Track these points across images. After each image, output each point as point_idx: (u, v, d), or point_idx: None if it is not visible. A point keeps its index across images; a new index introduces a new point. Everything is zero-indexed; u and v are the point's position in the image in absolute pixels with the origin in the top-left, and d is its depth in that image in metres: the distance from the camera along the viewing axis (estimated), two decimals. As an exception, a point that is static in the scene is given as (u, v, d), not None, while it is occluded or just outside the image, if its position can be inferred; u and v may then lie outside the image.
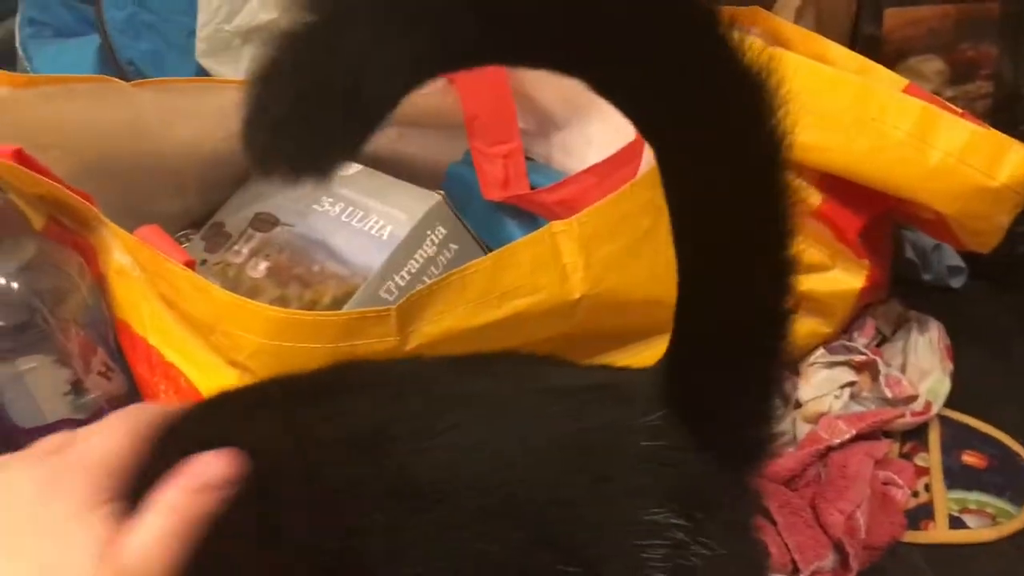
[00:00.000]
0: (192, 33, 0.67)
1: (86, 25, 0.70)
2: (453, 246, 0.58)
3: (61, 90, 0.62)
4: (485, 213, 0.66)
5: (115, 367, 0.56)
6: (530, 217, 0.65)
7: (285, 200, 0.65)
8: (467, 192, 0.66)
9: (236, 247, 0.65)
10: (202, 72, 0.67)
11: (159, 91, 0.63)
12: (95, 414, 0.55)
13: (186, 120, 0.65)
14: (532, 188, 0.64)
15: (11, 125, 0.62)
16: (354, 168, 0.64)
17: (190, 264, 0.50)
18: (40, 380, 0.52)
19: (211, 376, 0.49)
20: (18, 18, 0.73)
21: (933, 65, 0.69)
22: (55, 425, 0.53)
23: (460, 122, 0.66)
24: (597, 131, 0.64)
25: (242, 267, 0.63)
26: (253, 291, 0.61)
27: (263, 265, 0.62)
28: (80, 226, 0.56)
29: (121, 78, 0.66)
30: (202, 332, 0.50)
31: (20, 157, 0.53)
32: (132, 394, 0.57)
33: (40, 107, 0.62)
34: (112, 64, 0.68)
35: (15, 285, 0.51)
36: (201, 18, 0.65)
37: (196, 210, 0.73)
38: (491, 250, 0.62)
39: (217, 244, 0.66)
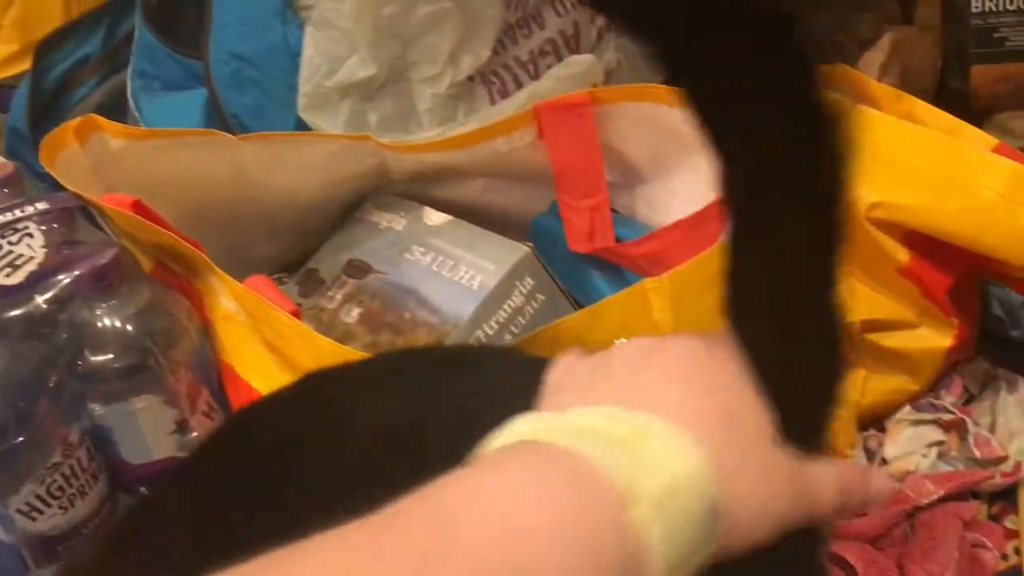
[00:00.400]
0: (294, 88, 0.70)
1: (193, 79, 0.74)
2: (540, 297, 0.60)
3: (174, 143, 0.66)
4: (570, 264, 0.67)
5: (217, 408, 0.58)
6: (615, 269, 0.66)
7: (378, 248, 0.68)
8: (552, 243, 0.68)
9: (330, 293, 0.68)
10: (302, 125, 0.71)
11: (262, 144, 0.67)
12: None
13: (286, 170, 0.68)
14: (618, 241, 0.66)
15: (122, 174, 0.66)
16: (444, 219, 0.66)
17: (295, 313, 0.52)
18: (149, 419, 0.55)
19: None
20: (130, 71, 0.78)
21: (1022, 122, 0.69)
22: (161, 462, 0.56)
23: (546, 174, 0.68)
24: (682, 185, 0.66)
25: (335, 312, 0.66)
26: (346, 336, 0.63)
27: (356, 311, 0.65)
28: (188, 272, 0.59)
29: (226, 130, 0.70)
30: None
31: (139, 208, 0.57)
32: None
33: (153, 158, 0.66)
34: (217, 117, 0.72)
35: (130, 328, 0.54)
36: (303, 74, 0.69)
37: (288, 255, 0.76)
38: (577, 301, 0.64)
39: (311, 289, 0.69)
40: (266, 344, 0.54)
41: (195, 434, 0.57)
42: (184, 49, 0.74)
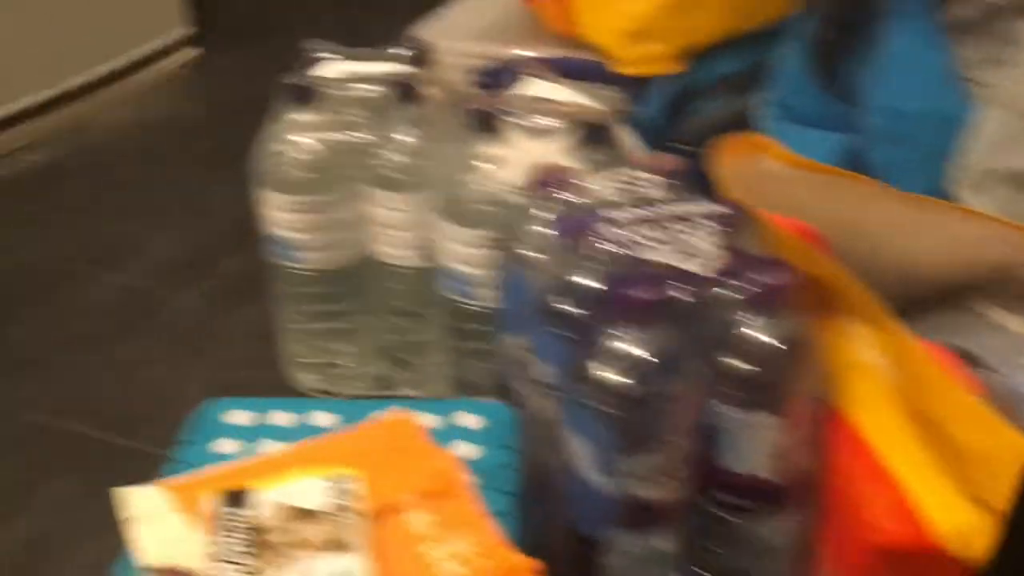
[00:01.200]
0: (940, 154, 0.69)
1: (834, 121, 0.75)
2: None
3: (823, 179, 0.67)
4: None
5: (815, 447, 0.58)
6: None
7: (991, 345, 0.64)
8: None
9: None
10: (934, 191, 0.69)
11: (910, 203, 0.66)
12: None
13: (918, 234, 0.67)
14: None
15: (769, 196, 0.69)
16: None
17: (977, 391, 0.50)
18: (758, 434, 0.57)
19: (942, 502, 0.50)
20: (765, 97, 0.81)
21: None
22: (749, 478, 0.57)
23: None
24: None
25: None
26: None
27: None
28: (831, 309, 0.59)
29: (861, 178, 0.69)
30: (948, 458, 0.50)
31: (810, 235, 0.58)
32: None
33: (795, 188, 0.68)
34: (854, 163, 0.72)
35: (775, 347, 0.55)
36: (967, 149, 0.67)
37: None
38: None
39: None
40: (912, 411, 0.53)
41: (784, 463, 0.58)
42: (835, 91, 0.76)
